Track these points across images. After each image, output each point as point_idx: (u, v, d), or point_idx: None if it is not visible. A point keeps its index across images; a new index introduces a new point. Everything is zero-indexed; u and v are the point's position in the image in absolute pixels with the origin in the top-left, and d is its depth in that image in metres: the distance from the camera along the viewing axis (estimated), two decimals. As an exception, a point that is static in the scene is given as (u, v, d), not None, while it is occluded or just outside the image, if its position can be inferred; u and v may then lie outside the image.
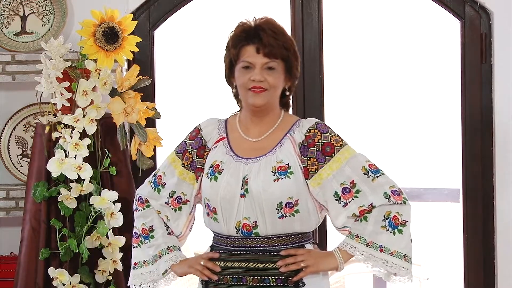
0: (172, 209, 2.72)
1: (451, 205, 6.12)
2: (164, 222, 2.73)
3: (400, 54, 6.26)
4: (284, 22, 3.83)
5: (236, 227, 2.60)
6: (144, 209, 2.74)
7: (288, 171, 2.61)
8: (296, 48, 2.70)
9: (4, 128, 3.64)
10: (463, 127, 3.77)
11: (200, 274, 2.64)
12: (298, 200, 2.61)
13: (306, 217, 2.64)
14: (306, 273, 2.61)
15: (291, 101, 2.78)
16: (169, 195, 2.72)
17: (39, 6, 3.65)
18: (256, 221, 2.59)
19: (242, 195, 2.59)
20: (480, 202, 3.75)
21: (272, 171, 2.60)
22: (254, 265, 2.61)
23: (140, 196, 2.77)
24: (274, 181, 2.59)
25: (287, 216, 2.60)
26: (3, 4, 3.65)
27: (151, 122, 3.57)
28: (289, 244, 2.63)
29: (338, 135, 2.69)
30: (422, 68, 6.26)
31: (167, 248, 2.70)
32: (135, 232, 2.77)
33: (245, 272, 2.61)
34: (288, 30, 3.76)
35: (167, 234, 2.73)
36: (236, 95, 2.74)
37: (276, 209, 2.59)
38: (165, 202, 2.72)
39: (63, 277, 3.21)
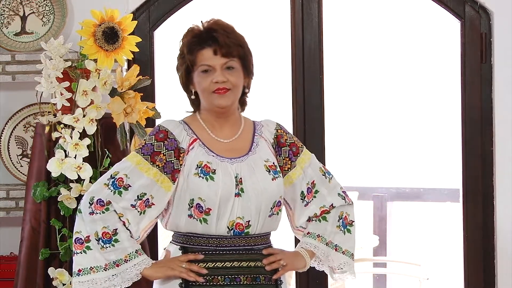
0: (138, 212, 2.60)
1: (451, 205, 6.13)
2: (125, 226, 2.60)
3: (400, 54, 6.27)
4: (284, 22, 3.85)
5: (228, 227, 2.59)
6: (103, 212, 2.58)
7: (277, 170, 2.66)
8: (248, 45, 2.68)
9: (4, 128, 3.65)
10: (463, 127, 3.77)
11: (187, 276, 2.58)
12: (282, 198, 2.68)
13: (281, 215, 2.71)
14: (285, 271, 2.67)
15: (247, 99, 2.76)
16: (138, 197, 2.59)
17: (39, 6, 3.65)
18: (249, 221, 2.59)
19: (237, 195, 2.58)
20: (480, 202, 3.75)
21: (266, 170, 2.63)
22: (247, 264, 2.61)
23: (100, 199, 2.58)
24: (272, 180, 2.62)
25: (274, 214, 2.64)
26: (3, 4, 3.65)
27: (151, 122, 3.57)
28: (265, 244, 2.66)
29: (296, 137, 2.81)
30: (422, 68, 6.27)
31: (135, 251, 2.58)
32: (78, 238, 2.59)
33: (239, 272, 2.60)
34: (288, 30, 3.80)
35: (131, 237, 2.60)
36: (195, 102, 2.70)
37: (271, 207, 2.62)
38: (131, 205, 2.59)
39: (63, 277, 3.22)
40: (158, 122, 3.60)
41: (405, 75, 6.36)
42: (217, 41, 2.59)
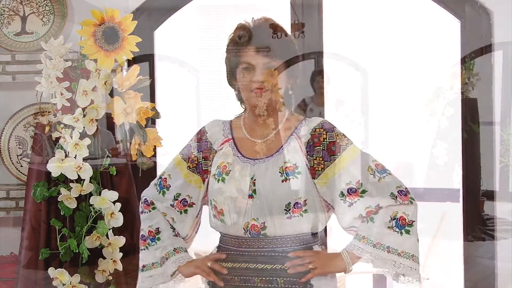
0: (178, 211, 2.70)
1: (451, 205, 6.13)
2: (170, 224, 2.71)
3: (400, 54, 6.26)
4: (285, 22, 3.85)
5: (244, 228, 2.60)
6: (150, 211, 2.73)
7: (296, 171, 2.61)
8: (296, 46, 2.68)
9: (4, 128, 3.64)
10: (463, 127, 3.76)
11: (207, 276, 2.63)
12: (306, 200, 2.61)
13: (314, 217, 2.64)
14: (314, 275, 2.61)
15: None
16: (174, 198, 2.70)
17: (39, 6, 3.65)
18: (264, 222, 2.59)
19: (250, 196, 2.59)
20: (480, 202, 3.75)
21: (279, 172, 2.60)
22: (262, 266, 2.61)
23: (146, 199, 2.75)
24: (282, 181, 2.59)
25: (295, 216, 2.60)
26: (3, 4, 3.65)
27: (151, 122, 3.56)
28: (297, 246, 2.63)
29: (343, 134, 2.66)
30: (422, 68, 6.26)
31: (173, 250, 2.69)
32: (142, 234, 2.75)
33: (253, 273, 2.61)
34: (288, 30, 3.80)
35: (174, 235, 2.71)
36: (239, 97, 2.73)
37: (285, 209, 2.59)
38: (171, 205, 2.70)
39: (63, 277, 3.21)
40: (158, 122, 3.60)
41: (405, 75, 6.35)
42: (261, 40, 2.60)
